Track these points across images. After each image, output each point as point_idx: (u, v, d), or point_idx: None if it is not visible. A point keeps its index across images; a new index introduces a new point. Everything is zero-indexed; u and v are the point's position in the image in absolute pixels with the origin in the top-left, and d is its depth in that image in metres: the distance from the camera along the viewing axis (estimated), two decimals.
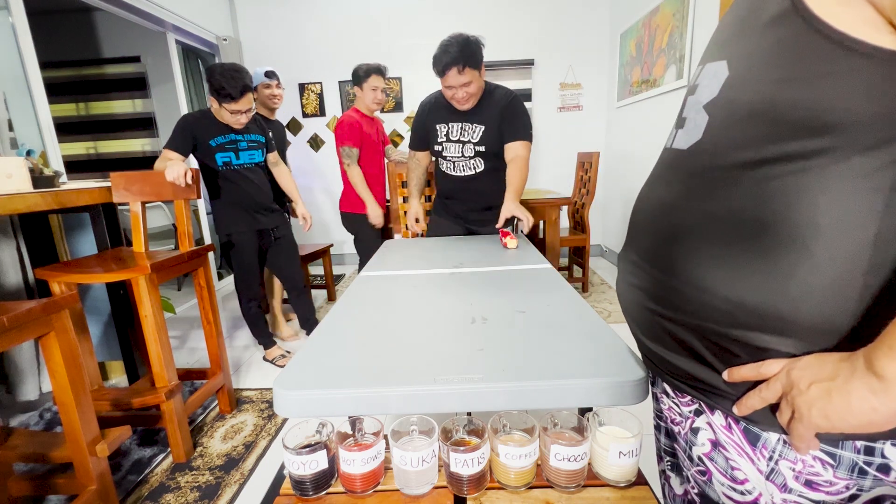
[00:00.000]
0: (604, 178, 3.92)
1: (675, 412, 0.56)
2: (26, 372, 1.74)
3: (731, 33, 0.46)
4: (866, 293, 0.37)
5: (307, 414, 0.64)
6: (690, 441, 0.54)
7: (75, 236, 1.91)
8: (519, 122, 1.68)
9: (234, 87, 1.83)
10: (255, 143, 2.08)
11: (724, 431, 0.49)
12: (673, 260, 0.49)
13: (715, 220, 0.45)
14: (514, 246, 1.50)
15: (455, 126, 1.73)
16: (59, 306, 1.06)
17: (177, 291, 3.67)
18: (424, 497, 0.70)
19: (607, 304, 2.91)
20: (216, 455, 1.59)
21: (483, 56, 1.59)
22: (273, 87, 2.40)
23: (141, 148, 4.18)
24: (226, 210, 2.06)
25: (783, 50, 0.39)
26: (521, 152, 1.66)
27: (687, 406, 0.54)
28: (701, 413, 0.52)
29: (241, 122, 1.96)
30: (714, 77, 0.46)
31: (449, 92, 1.63)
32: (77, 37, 3.90)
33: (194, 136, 1.92)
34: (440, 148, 1.78)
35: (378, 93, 2.37)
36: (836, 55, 0.36)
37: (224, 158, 1.99)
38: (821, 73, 0.37)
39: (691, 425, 0.53)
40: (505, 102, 1.67)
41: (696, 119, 0.48)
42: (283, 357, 2.30)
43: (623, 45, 3.49)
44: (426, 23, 3.82)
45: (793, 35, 0.38)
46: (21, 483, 1.26)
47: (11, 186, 1.39)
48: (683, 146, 0.50)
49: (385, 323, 0.89)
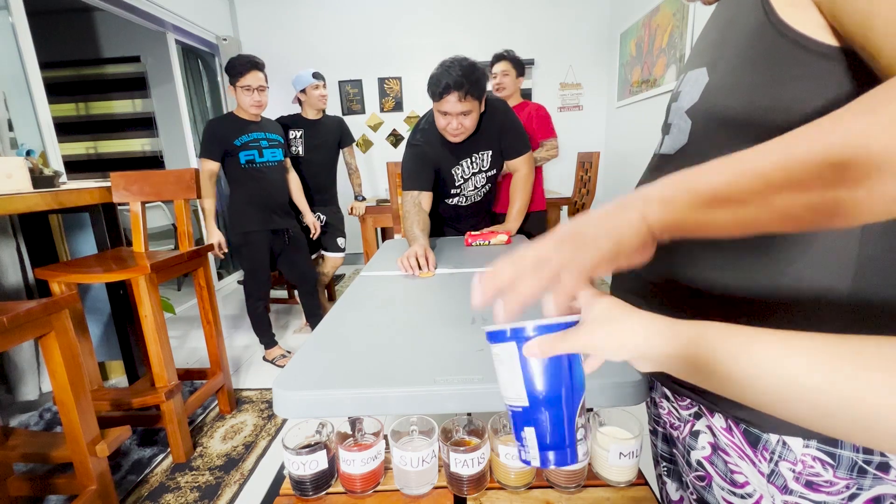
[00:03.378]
0: (604, 178, 3.91)
1: (674, 416, 0.56)
2: (26, 372, 1.74)
3: (710, 41, 0.47)
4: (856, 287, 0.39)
5: (307, 414, 0.63)
6: (689, 445, 0.53)
7: (75, 236, 1.91)
8: (519, 136, 1.61)
9: (241, 62, 1.98)
10: (275, 142, 2.16)
11: (724, 434, 0.48)
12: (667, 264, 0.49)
13: None
14: (502, 240, 1.51)
15: (466, 163, 1.56)
16: (59, 306, 1.06)
17: (177, 291, 3.67)
18: (424, 497, 0.70)
19: None
20: (216, 455, 1.59)
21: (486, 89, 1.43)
22: (321, 87, 2.44)
23: (141, 148, 4.18)
24: (243, 208, 2.11)
25: (758, 55, 0.40)
26: (525, 169, 1.65)
27: (686, 409, 0.54)
28: (700, 416, 0.51)
29: (258, 102, 2.04)
30: (695, 83, 0.47)
31: (443, 121, 1.42)
32: (77, 37, 3.90)
33: (222, 138, 2.02)
34: (457, 191, 1.62)
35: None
36: (803, 58, 0.37)
37: (248, 156, 2.07)
38: (793, 76, 0.38)
39: (691, 429, 0.53)
40: (503, 118, 1.54)
41: (680, 124, 0.49)
42: (283, 357, 2.30)
43: (623, 45, 3.49)
44: (426, 23, 3.82)
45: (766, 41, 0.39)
46: (21, 483, 1.26)
47: (11, 186, 1.39)
48: (670, 151, 0.51)
49: (385, 323, 0.89)
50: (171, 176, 1.67)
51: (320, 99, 2.44)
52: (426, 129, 1.53)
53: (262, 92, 2.04)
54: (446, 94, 1.34)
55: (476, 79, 1.34)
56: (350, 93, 3.96)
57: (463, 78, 1.32)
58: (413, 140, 1.55)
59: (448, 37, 3.84)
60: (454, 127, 1.42)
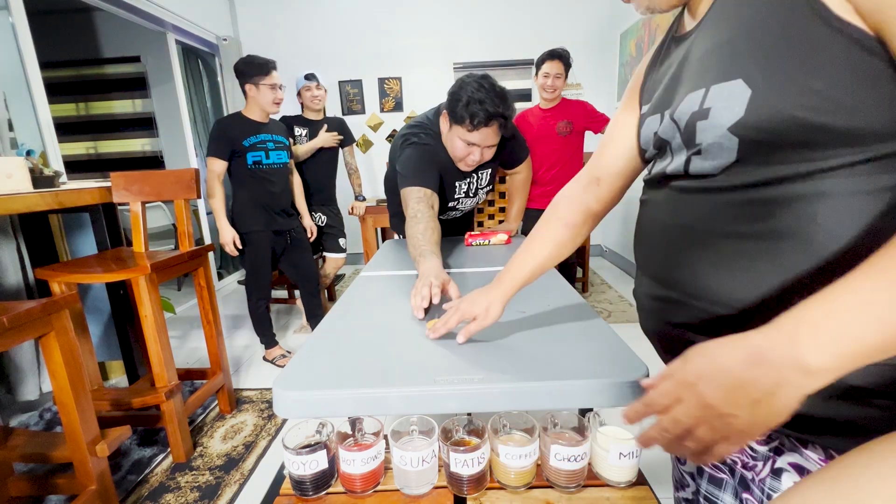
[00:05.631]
0: None
1: (747, 453, 0.50)
2: (26, 372, 1.74)
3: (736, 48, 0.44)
4: None
5: (307, 414, 0.63)
6: (772, 488, 0.46)
7: (75, 236, 1.91)
8: (520, 144, 1.55)
9: (262, 60, 2.02)
10: (281, 144, 2.17)
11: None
12: (733, 287, 0.46)
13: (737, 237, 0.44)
14: (502, 240, 1.51)
15: (473, 177, 1.47)
16: (59, 306, 1.06)
17: (177, 291, 3.67)
18: (424, 497, 0.70)
19: (607, 304, 2.91)
20: (216, 455, 1.59)
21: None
22: (313, 88, 2.44)
23: (141, 148, 4.18)
24: (246, 208, 2.11)
25: (822, 58, 0.37)
26: (525, 172, 1.63)
27: (762, 445, 0.47)
28: (781, 452, 0.45)
29: (281, 99, 2.08)
30: (732, 98, 0.42)
31: (464, 150, 1.27)
32: (77, 37, 3.90)
33: (230, 138, 2.03)
34: (455, 203, 1.52)
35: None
36: (868, 58, 0.35)
37: (255, 157, 2.08)
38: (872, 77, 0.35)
39: (772, 467, 0.46)
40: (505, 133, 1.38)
41: (721, 143, 0.44)
42: (283, 357, 2.30)
43: (623, 45, 3.49)
44: (426, 23, 3.81)
45: (825, 42, 0.36)
46: (21, 483, 1.26)
47: (11, 186, 1.39)
48: (713, 171, 0.46)
49: (385, 323, 0.89)
50: (171, 176, 1.67)
51: (312, 100, 2.45)
52: (432, 136, 1.36)
53: (282, 90, 2.09)
54: (491, 123, 1.18)
55: (511, 107, 1.20)
56: (350, 93, 3.96)
57: (504, 108, 1.17)
58: (418, 140, 1.35)
59: (448, 37, 3.84)
60: (476, 159, 1.28)
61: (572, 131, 2.33)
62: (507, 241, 1.53)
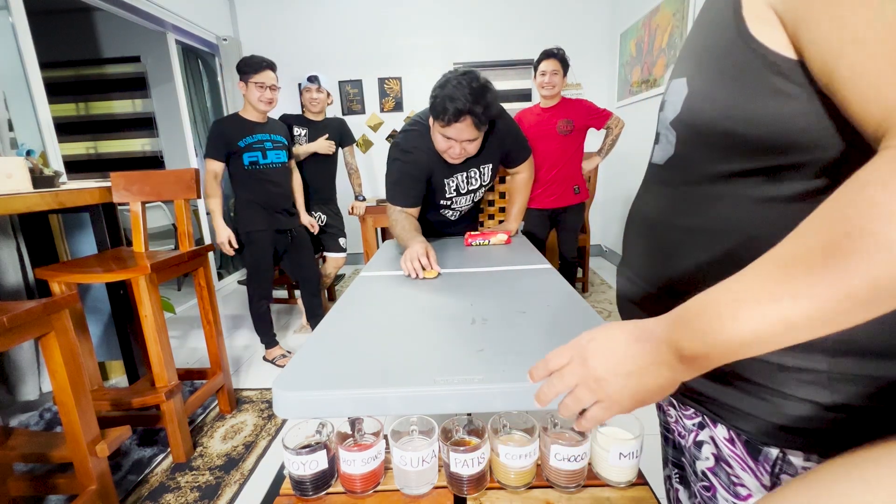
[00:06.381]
0: (604, 178, 3.91)
1: (681, 425, 0.56)
2: (26, 372, 1.74)
3: (691, 49, 0.47)
4: None
5: (307, 415, 0.63)
6: (694, 455, 0.53)
7: (75, 236, 1.91)
8: (521, 144, 1.55)
9: (256, 60, 2.02)
10: (279, 144, 2.16)
11: (726, 445, 0.48)
12: (663, 273, 0.50)
13: (698, 233, 0.46)
14: (502, 240, 1.51)
15: (461, 176, 1.46)
16: (59, 306, 1.06)
17: (177, 291, 3.67)
18: (424, 497, 0.70)
19: (607, 304, 2.91)
20: (216, 455, 1.59)
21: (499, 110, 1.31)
22: (313, 90, 2.45)
23: (141, 148, 4.18)
24: (247, 208, 2.11)
25: (732, 68, 0.40)
26: (527, 172, 1.63)
27: (690, 419, 0.54)
28: (704, 426, 0.51)
29: (269, 98, 2.05)
30: (677, 94, 0.47)
31: (444, 144, 1.29)
32: (77, 37, 3.90)
33: (227, 138, 2.03)
34: (447, 202, 1.52)
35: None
36: (775, 76, 0.36)
37: (252, 158, 2.08)
38: (771, 91, 0.37)
39: (695, 438, 0.53)
40: (504, 128, 1.44)
41: (667, 135, 0.50)
42: (283, 357, 2.30)
43: (623, 45, 3.49)
44: (426, 23, 3.81)
45: (737, 54, 0.39)
46: (21, 483, 1.26)
47: (11, 186, 1.39)
48: (660, 161, 0.52)
49: (385, 323, 0.89)
50: (171, 176, 1.67)
51: (311, 102, 2.46)
52: (420, 134, 1.39)
53: (273, 91, 2.07)
54: (461, 118, 1.19)
55: (488, 103, 1.19)
56: (350, 93, 3.96)
57: (476, 104, 1.16)
58: (400, 156, 1.40)
59: (448, 37, 3.84)
60: (457, 153, 1.30)
61: (573, 130, 2.32)
62: (507, 241, 1.53)
